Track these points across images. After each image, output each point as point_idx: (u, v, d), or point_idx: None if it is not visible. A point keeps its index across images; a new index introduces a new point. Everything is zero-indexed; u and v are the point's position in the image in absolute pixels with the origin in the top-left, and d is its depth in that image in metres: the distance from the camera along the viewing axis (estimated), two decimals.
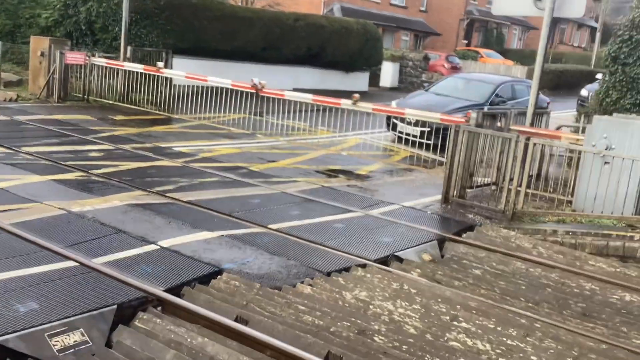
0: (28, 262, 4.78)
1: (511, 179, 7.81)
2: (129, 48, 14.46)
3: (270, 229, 6.43)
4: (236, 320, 4.24)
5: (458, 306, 4.94)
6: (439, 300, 5.02)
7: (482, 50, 40.85)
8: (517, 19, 48.51)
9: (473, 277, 5.78)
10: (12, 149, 8.63)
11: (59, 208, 6.21)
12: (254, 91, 12.30)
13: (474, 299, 5.15)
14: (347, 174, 9.86)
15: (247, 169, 9.27)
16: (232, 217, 6.67)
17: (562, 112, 19.78)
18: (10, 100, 13.39)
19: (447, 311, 4.82)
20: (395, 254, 6.11)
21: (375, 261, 5.82)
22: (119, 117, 12.65)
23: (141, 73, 13.69)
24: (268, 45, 19.79)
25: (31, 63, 14.40)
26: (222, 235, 6.01)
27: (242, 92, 12.67)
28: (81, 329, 3.94)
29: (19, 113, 11.75)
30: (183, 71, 13.86)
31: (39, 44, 14.08)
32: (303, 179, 9.06)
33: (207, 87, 13.36)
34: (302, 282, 5.14)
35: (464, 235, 7.03)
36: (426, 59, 29.33)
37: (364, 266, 5.66)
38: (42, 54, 13.84)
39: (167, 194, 7.23)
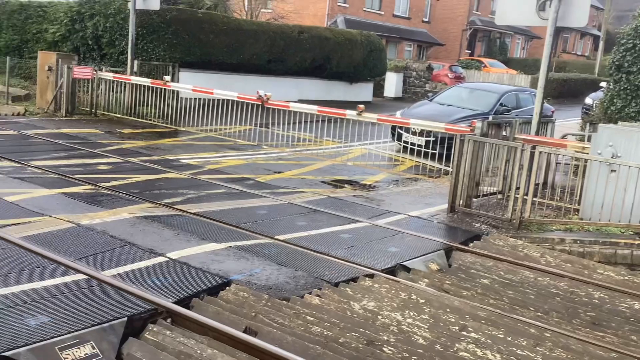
0: (38, 276, 4.81)
1: (517, 188, 7.82)
2: (135, 62, 14.58)
3: (277, 239, 6.45)
4: (245, 331, 4.26)
5: (467, 316, 4.94)
6: (448, 310, 5.03)
7: (486, 60, 40.94)
8: (520, 28, 48.63)
9: (481, 286, 5.78)
10: (20, 162, 8.70)
11: (68, 221, 6.25)
12: (259, 103, 12.37)
13: (482, 308, 5.15)
14: (353, 184, 9.88)
15: (254, 180, 9.31)
16: (240, 229, 6.70)
17: (567, 121, 19.77)
18: (19, 114, 13.51)
19: (456, 321, 4.82)
20: (403, 263, 6.12)
21: (382, 271, 5.83)
22: (126, 131, 12.74)
23: (148, 87, 13.79)
24: (273, 57, 19.92)
25: (39, 78, 14.53)
26: (230, 247, 6.03)
27: (247, 104, 12.75)
28: (91, 342, 3.96)
29: (27, 127, 11.84)
30: (190, 84, 13.96)
31: (46, 58, 14.21)
32: (309, 189, 9.09)
33: (214, 100, 13.45)
34: (310, 293, 5.15)
35: (471, 244, 7.03)
36: (430, 69, 29.42)
37: (371, 276, 5.67)
38: (50, 69, 13.97)
39: (175, 206, 7.26)
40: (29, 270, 4.90)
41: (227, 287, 5.04)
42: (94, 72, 14.11)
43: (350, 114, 11.29)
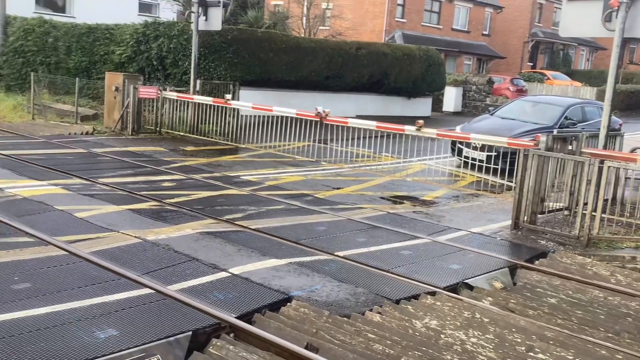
0: (107, 290, 4.96)
1: (585, 204, 7.56)
2: (198, 81, 14.97)
3: (337, 256, 6.44)
4: (307, 347, 4.26)
5: (534, 336, 4.79)
6: (514, 329, 4.89)
7: (549, 72, 39.98)
8: (584, 39, 47.33)
9: (548, 306, 5.60)
10: (89, 180, 9.04)
11: (135, 237, 6.44)
12: (318, 119, 12.45)
13: (550, 328, 4.99)
14: (413, 200, 9.79)
15: (313, 196, 9.35)
16: (299, 245, 6.73)
17: (635, 134, 19.06)
18: (87, 133, 14.06)
19: (522, 341, 4.68)
20: (465, 281, 6.00)
21: (444, 289, 5.73)
22: (189, 148, 13.06)
23: (210, 105, 14.12)
24: (331, 74, 20.05)
25: (106, 98, 15.10)
26: (290, 263, 6.07)
27: (306, 121, 12.85)
28: (158, 355, 4.04)
29: (95, 146, 12.30)
30: (249, 102, 14.21)
31: (113, 79, 14.77)
32: (368, 205, 9.06)
33: (273, 117, 13.64)
34: (371, 310, 5.11)
35: (537, 262, 6.83)
36: (490, 82, 28.96)
37: (433, 294, 5.58)
38: (117, 89, 14.50)
39: (236, 222, 7.38)
40: (98, 284, 5.07)
41: (288, 303, 5.07)
42: (159, 92, 14.55)
43: (409, 129, 11.21)
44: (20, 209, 7.20)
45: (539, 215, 8.20)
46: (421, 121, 11.18)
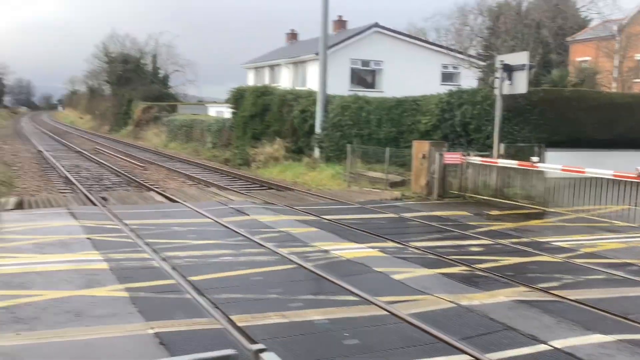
0: (426, 352, 5.11)
1: None
2: (501, 145, 14.88)
3: None
4: None
5: None
6: None
7: None
8: None
9: None
10: (402, 243, 9.52)
11: (449, 301, 6.55)
12: (639, 180, 11.29)
13: None
14: None
15: (638, 266, 8.41)
16: (628, 320, 6.08)
17: None
18: (396, 199, 14.94)
19: None
20: None
21: None
22: (494, 212, 12.93)
23: (514, 168, 13.87)
24: None
25: (413, 164, 15.91)
26: (620, 340, 5.51)
27: (624, 182, 11.76)
28: None
29: (404, 210, 12.98)
30: (557, 164, 13.58)
31: (420, 147, 15.54)
32: None
33: (583, 179, 12.80)
34: None
35: None
36: None
37: None
38: (423, 156, 15.21)
39: (552, 291, 7.00)
40: (418, 346, 5.26)
41: None
42: (463, 157, 14.84)
43: None
44: (345, 269, 7.92)
45: None
46: None
